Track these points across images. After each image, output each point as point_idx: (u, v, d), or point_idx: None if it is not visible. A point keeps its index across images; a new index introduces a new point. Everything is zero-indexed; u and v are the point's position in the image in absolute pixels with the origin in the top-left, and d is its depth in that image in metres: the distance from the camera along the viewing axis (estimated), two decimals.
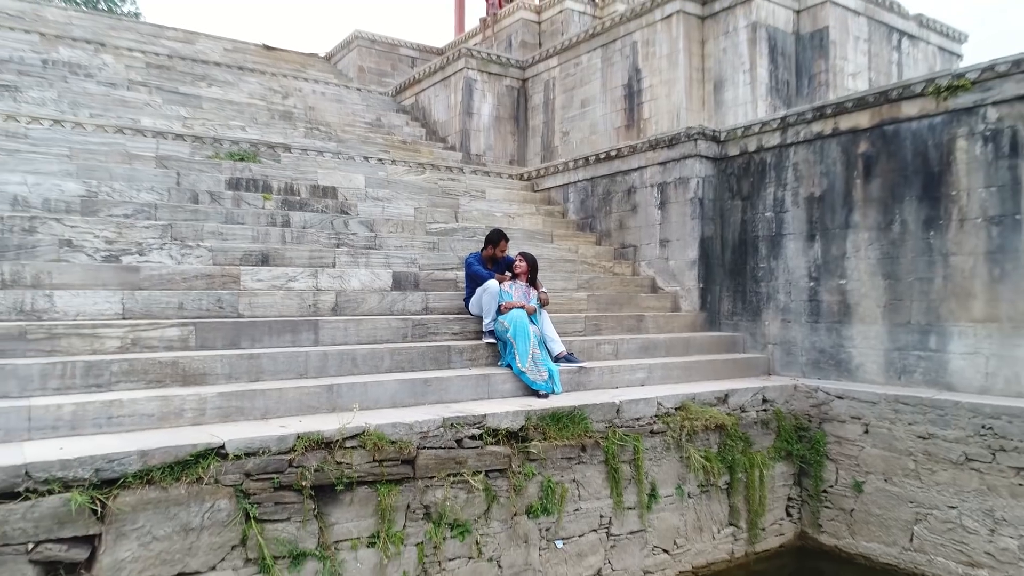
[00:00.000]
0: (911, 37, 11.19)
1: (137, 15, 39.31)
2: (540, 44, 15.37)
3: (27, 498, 3.54)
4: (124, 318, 5.22)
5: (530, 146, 13.13)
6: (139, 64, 11.94)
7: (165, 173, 7.48)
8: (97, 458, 3.72)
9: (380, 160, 9.90)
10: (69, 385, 4.44)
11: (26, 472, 3.54)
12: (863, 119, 7.05)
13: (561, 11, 14.96)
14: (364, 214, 8.15)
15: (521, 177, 11.17)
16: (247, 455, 4.14)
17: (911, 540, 6.18)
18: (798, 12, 10.26)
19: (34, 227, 5.83)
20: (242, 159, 8.36)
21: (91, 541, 3.71)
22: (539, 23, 15.44)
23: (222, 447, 4.07)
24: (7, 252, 5.47)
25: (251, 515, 4.11)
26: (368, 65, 16.94)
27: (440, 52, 17.98)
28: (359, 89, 15.01)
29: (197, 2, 56.08)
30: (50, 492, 3.59)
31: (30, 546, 3.53)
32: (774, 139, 7.87)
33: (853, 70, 10.24)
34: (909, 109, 6.69)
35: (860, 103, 7.06)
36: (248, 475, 4.14)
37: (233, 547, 4.08)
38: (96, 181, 6.82)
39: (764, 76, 9.85)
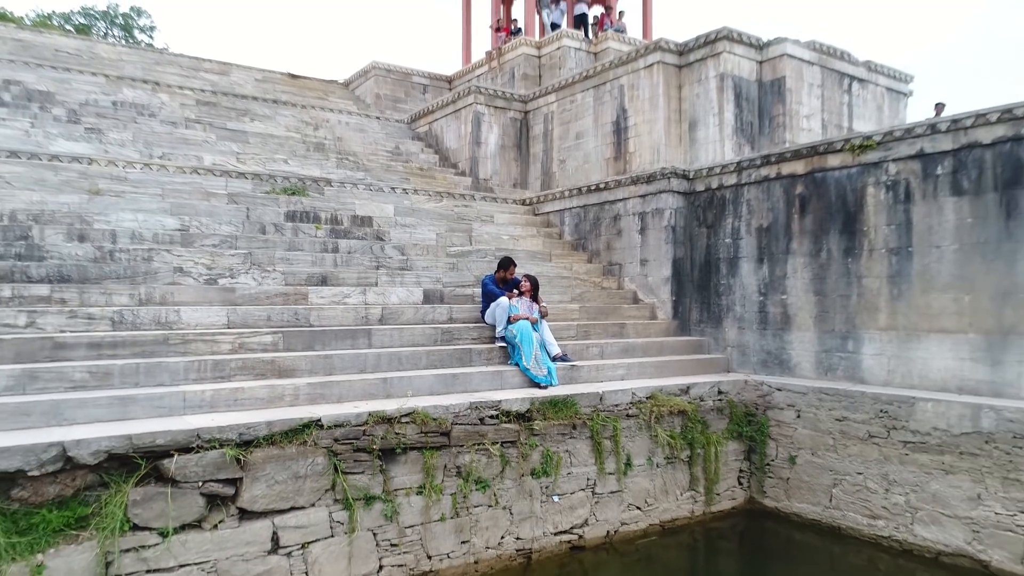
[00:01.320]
0: (861, 81, 12.94)
1: (153, 28, 41.08)
2: (540, 76, 17.14)
3: (198, 451, 5.26)
4: (230, 327, 6.94)
5: (531, 171, 14.87)
6: (190, 102, 13.67)
7: (237, 208, 9.21)
8: (240, 426, 5.44)
9: (405, 190, 11.62)
10: (203, 377, 6.16)
11: (197, 434, 5.26)
12: (799, 167, 8.80)
13: (559, 48, 16.72)
14: (396, 240, 9.89)
15: (524, 202, 12.90)
16: (336, 426, 5.86)
17: (830, 500, 7.92)
18: (760, 63, 12.00)
19: (151, 256, 7.57)
20: (294, 193, 10.09)
21: (235, 483, 5.42)
22: (539, 57, 17.20)
23: (319, 420, 5.79)
24: (137, 276, 7.21)
25: (338, 468, 5.83)
26: (384, 92, 18.69)
27: (448, 80, 19.74)
28: (378, 118, 16.75)
29: (208, 20, 57.87)
30: (212, 447, 5.32)
31: (200, 483, 5.26)
32: (732, 179, 9.62)
33: (807, 112, 11.99)
34: (833, 161, 8.44)
35: (797, 154, 8.81)
36: (336, 440, 5.86)
37: (326, 490, 5.79)
38: (187, 217, 8.56)
39: (730, 119, 11.59)
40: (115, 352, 6.09)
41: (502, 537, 6.73)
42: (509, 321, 7.95)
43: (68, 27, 37.89)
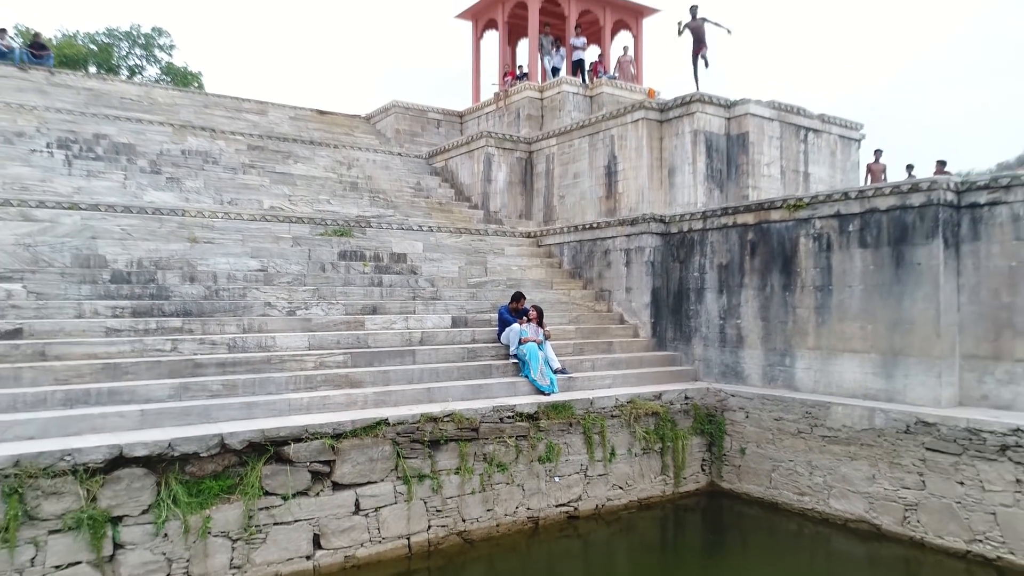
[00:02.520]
0: (815, 131, 15.19)
1: (172, 47, 43.23)
2: (542, 116, 19.41)
3: (306, 441, 7.49)
4: (311, 349, 9.17)
5: (535, 204, 17.13)
6: (243, 147, 15.93)
7: (300, 250, 11.45)
8: (333, 423, 7.67)
9: (430, 228, 13.85)
10: (298, 387, 8.40)
11: (306, 429, 7.49)
12: (750, 218, 11.05)
13: (559, 92, 19.00)
14: (426, 273, 12.13)
15: (529, 235, 15.16)
16: (398, 423, 8.09)
17: (770, 482, 10.16)
18: (728, 119, 14.26)
19: (245, 293, 9.82)
20: (342, 234, 12.33)
21: (330, 464, 7.62)
22: (541, 100, 19.47)
23: (387, 419, 8.02)
24: (238, 310, 9.46)
25: (399, 454, 8.06)
26: (403, 128, 20.97)
27: (460, 115, 22.02)
28: (399, 154, 19.01)
29: (220, 37, 60.21)
30: (315, 438, 7.55)
31: (308, 463, 7.49)
32: (699, 224, 11.87)
33: (768, 161, 14.25)
34: (775, 215, 10.69)
35: (748, 208, 11.07)
36: (398, 434, 8.09)
37: (391, 470, 8.01)
38: (265, 259, 10.80)
39: (703, 168, 13.85)
40: (235, 369, 8.32)
41: (516, 507, 8.94)
42: (520, 342, 10.19)
43: (92, 46, 40.17)
